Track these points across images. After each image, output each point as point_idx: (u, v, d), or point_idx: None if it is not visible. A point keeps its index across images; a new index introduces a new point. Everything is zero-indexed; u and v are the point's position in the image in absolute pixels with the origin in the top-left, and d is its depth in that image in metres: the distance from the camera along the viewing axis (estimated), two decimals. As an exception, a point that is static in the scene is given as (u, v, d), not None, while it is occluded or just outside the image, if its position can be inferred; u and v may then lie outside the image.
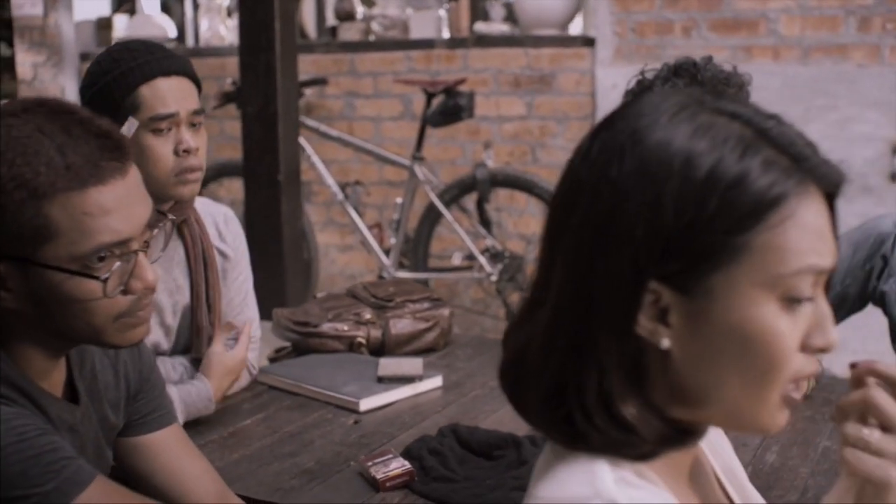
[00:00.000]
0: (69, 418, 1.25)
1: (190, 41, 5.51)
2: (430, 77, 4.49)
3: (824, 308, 0.84)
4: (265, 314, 2.29)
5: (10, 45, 5.91)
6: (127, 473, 1.44)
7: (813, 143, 0.83)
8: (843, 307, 2.64)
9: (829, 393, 2.08)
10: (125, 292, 1.18)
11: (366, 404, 1.99)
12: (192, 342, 2.04)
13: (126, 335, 1.21)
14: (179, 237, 2.01)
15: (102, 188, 1.13)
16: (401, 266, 4.39)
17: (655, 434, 0.83)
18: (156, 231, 1.24)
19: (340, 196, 4.45)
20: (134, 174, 1.18)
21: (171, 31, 5.56)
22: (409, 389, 2.07)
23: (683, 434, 0.85)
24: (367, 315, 2.41)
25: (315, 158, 4.45)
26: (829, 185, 0.82)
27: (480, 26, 4.66)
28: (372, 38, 4.91)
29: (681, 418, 0.84)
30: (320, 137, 4.54)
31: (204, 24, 5.42)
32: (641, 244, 0.79)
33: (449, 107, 4.05)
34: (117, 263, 1.16)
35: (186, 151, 1.87)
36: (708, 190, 0.78)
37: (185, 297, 2.00)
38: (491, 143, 4.44)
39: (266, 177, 3.59)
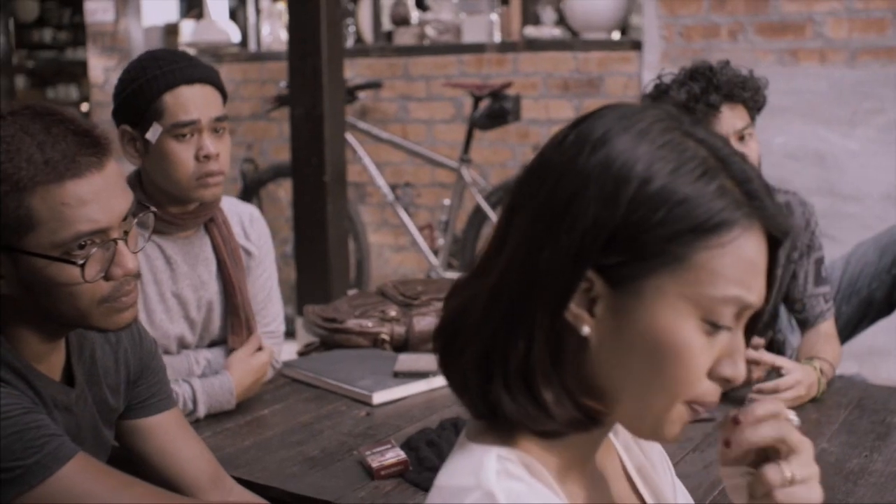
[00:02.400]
0: (64, 399, 1.34)
1: (252, 46, 5.65)
2: (480, 80, 4.54)
3: (740, 342, 0.87)
4: (308, 312, 2.38)
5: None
6: (128, 454, 1.53)
7: (770, 186, 0.86)
8: (870, 311, 2.63)
9: (841, 397, 2.09)
10: (107, 278, 1.26)
11: (379, 398, 2.06)
12: (230, 335, 2.13)
13: (112, 319, 1.30)
14: (207, 235, 2.11)
15: (79, 181, 1.22)
16: (449, 266, 4.45)
17: (567, 418, 0.87)
18: (136, 220, 1.32)
19: (391, 197, 4.54)
20: (112, 169, 1.27)
21: (235, 36, 5.71)
22: (423, 384, 2.13)
23: (592, 421, 0.88)
24: (392, 312, 2.47)
25: (367, 160, 4.54)
26: (775, 228, 0.85)
27: (530, 30, 4.69)
28: (426, 42, 4.99)
29: (590, 407, 0.88)
30: (373, 140, 4.63)
31: (265, 29, 5.56)
32: (589, 231, 0.83)
33: (495, 110, 4.10)
34: (96, 250, 1.24)
35: (207, 157, 1.95)
36: (660, 199, 0.82)
37: (208, 293, 2.09)
38: (540, 145, 4.47)
39: (312, 178, 3.67)
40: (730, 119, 2.15)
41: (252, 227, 2.20)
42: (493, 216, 4.25)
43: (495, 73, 4.62)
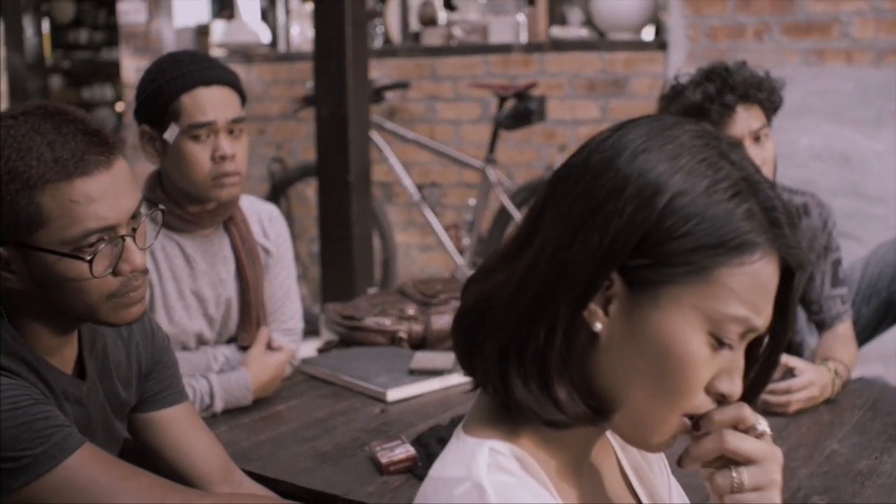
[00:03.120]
0: (75, 392, 1.38)
1: (282, 46, 5.70)
2: (507, 81, 4.56)
3: (740, 361, 0.89)
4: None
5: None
6: (141, 447, 1.56)
7: (792, 216, 0.88)
8: (890, 313, 2.62)
9: (856, 398, 2.08)
10: (115, 274, 1.30)
11: (393, 395, 2.08)
12: (240, 332, 2.16)
13: (120, 314, 1.33)
14: (225, 233, 2.14)
15: (88, 179, 1.25)
16: (475, 266, 4.47)
17: (576, 412, 0.89)
18: (144, 217, 1.35)
19: (417, 197, 4.56)
20: (120, 167, 1.30)
21: (265, 37, 5.76)
22: (437, 382, 2.15)
23: (601, 416, 0.90)
24: (411, 311, 2.50)
25: (393, 160, 4.57)
26: (792, 258, 0.87)
27: (557, 31, 4.70)
28: (454, 43, 5.01)
29: (599, 405, 0.90)
30: (400, 140, 4.66)
31: (295, 30, 5.60)
32: (621, 232, 0.85)
33: (520, 110, 4.11)
34: (104, 247, 1.28)
35: (223, 157, 1.99)
36: (692, 212, 0.84)
37: (227, 290, 2.13)
38: (566, 146, 4.49)
39: (337, 177, 3.70)
40: (745, 119, 2.16)
41: (271, 226, 2.24)
42: (518, 216, 4.26)
43: (521, 73, 4.63)
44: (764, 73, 2.21)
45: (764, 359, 0.96)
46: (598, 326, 0.87)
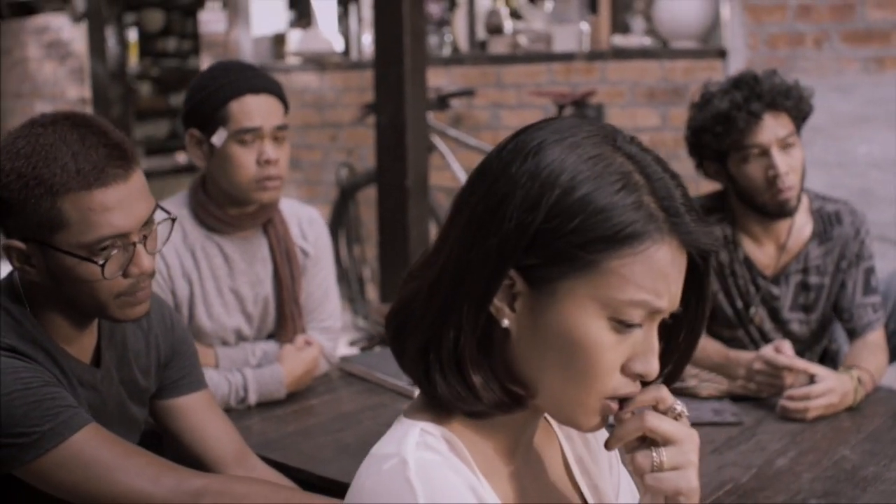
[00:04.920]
0: (90, 378, 1.49)
1: (354, 54, 5.84)
2: (569, 89, 4.60)
3: (653, 341, 0.94)
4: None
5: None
6: (162, 432, 1.67)
7: (694, 206, 0.93)
8: None
9: (878, 407, 2.08)
10: (125, 276, 1.41)
11: (421, 392, 2.16)
12: (277, 329, 2.27)
13: (126, 311, 1.45)
14: (264, 235, 2.25)
15: (105, 190, 1.37)
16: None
17: (493, 400, 0.95)
18: (158, 225, 1.46)
19: (479, 203, 4.63)
20: (136, 179, 1.41)
21: (339, 46, 5.90)
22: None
23: (517, 404, 0.96)
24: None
25: (456, 166, 4.65)
26: (691, 244, 0.92)
27: (618, 39, 4.73)
28: (519, 51, 5.07)
29: (516, 392, 0.96)
30: (463, 147, 4.74)
31: (366, 38, 5.73)
32: (512, 234, 0.91)
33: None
34: (116, 252, 1.39)
35: (267, 162, 2.10)
36: (578, 209, 0.89)
37: (264, 289, 2.24)
38: (626, 153, 4.50)
39: (395, 183, 3.80)
40: (772, 127, 2.18)
41: (310, 229, 2.33)
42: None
43: (583, 81, 4.67)
44: (792, 82, 2.23)
45: (684, 337, 1.00)
46: (506, 322, 0.93)
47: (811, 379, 2.04)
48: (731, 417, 2.02)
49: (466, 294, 0.93)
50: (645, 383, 0.96)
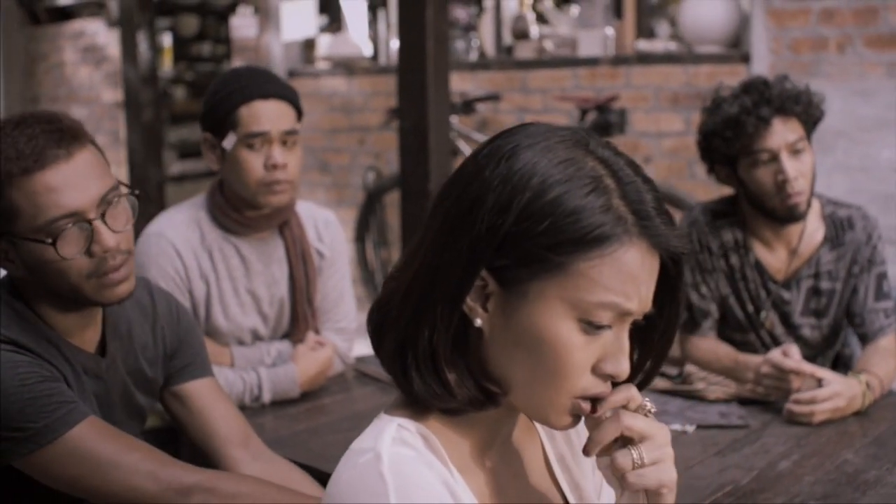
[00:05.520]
0: (95, 368, 1.54)
1: (382, 59, 5.89)
2: (593, 93, 4.62)
3: (623, 342, 0.96)
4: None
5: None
6: (171, 418, 1.73)
7: (665, 210, 0.95)
8: None
9: (887, 412, 2.08)
10: (90, 255, 1.44)
11: (431, 392, 2.19)
12: (291, 329, 2.31)
13: (104, 293, 1.48)
14: (281, 237, 2.29)
15: (45, 171, 1.41)
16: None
17: (467, 396, 0.97)
18: (115, 201, 1.48)
19: (503, 206, 4.66)
20: (82, 158, 1.45)
21: (367, 50, 5.96)
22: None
23: (490, 401, 0.99)
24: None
25: (480, 170, 4.68)
26: (659, 245, 0.94)
27: (643, 44, 4.74)
28: (545, 56, 5.10)
29: (489, 389, 0.99)
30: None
31: (395, 43, 5.78)
32: (483, 236, 0.94)
33: (600, 123, 4.17)
34: (71, 231, 1.42)
35: (274, 166, 2.14)
36: (547, 211, 0.92)
37: (280, 290, 2.28)
38: (650, 158, 4.52)
39: (418, 186, 3.84)
40: (781, 132, 2.19)
41: (326, 231, 2.38)
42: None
43: (608, 86, 4.68)
44: (803, 87, 2.24)
45: (657, 339, 1.02)
46: (479, 322, 0.96)
47: (819, 383, 2.05)
48: (738, 420, 2.03)
49: (440, 294, 0.96)
50: (618, 383, 0.98)
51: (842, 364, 2.48)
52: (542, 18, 5.48)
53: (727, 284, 2.34)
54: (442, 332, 0.96)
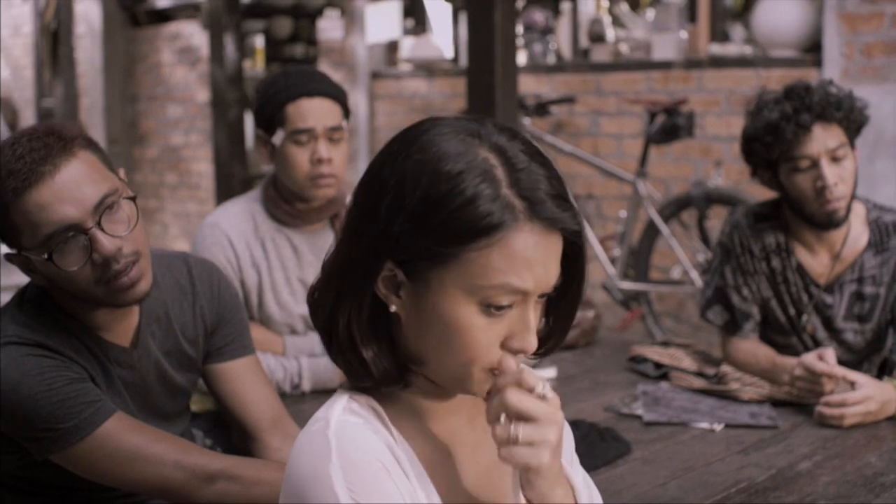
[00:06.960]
0: (127, 359, 1.61)
1: (462, 61, 5.97)
2: (666, 96, 4.63)
3: (528, 320, 1.01)
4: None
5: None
6: (211, 394, 1.80)
7: (559, 194, 0.99)
8: None
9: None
10: (93, 263, 1.47)
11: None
12: None
13: (119, 296, 1.51)
14: (332, 229, 2.40)
15: (32, 191, 1.43)
16: (625, 276, 4.57)
17: (381, 373, 1.05)
18: (115, 206, 1.49)
19: (573, 208, 4.70)
20: (71, 170, 1.44)
21: (448, 53, 6.06)
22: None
23: (403, 377, 1.06)
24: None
25: (552, 172, 4.74)
26: (555, 226, 0.99)
27: (715, 48, 4.73)
28: (620, 59, 5.12)
29: (405, 366, 1.06)
30: (559, 153, 4.82)
31: (474, 46, 5.86)
32: (380, 235, 1.01)
33: (668, 126, 4.19)
34: (70, 242, 1.45)
35: (319, 161, 2.25)
36: (437, 208, 0.98)
37: (331, 282, 2.38)
38: (721, 161, 4.51)
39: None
40: (821, 138, 2.20)
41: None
42: (664, 229, 4.33)
43: (680, 89, 4.69)
44: (845, 93, 2.25)
45: (557, 313, 1.08)
46: (393, 308, 1.03)
47: (852, 386, 2.07)
48: (767, 421, 2.06)
49: (348, 285, 1.04)
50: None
51: (887, 371, 2.47)
52: (617, 22, 5.50)
53: (769, 287, 2.36)
54: (355, 317, 1.04)
